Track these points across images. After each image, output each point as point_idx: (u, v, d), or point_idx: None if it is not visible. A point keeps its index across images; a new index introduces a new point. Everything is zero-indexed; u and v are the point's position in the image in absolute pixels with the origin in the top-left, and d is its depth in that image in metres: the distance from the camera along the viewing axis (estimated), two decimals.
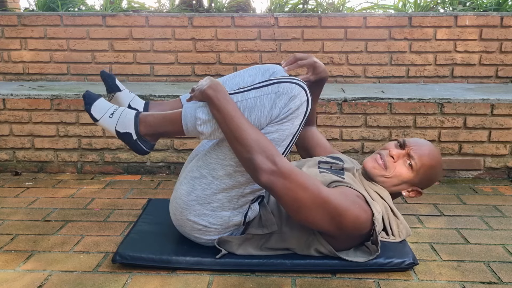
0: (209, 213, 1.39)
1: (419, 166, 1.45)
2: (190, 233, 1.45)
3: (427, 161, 1.46)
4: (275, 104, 1.30)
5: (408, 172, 1.47)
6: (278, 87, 1.31)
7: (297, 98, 1.30)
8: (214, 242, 1.45)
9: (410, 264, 1.42)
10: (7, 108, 2.40)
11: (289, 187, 1.24)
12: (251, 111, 1.31)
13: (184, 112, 1.35)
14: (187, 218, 1.42)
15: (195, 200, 1.39)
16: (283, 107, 1.30)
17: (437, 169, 1.50)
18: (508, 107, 2.27)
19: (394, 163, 1.48)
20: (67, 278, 1.39)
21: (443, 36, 2.76)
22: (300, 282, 1.37)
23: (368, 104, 2.30)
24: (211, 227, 1.41)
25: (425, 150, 1.46)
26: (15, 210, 1.92)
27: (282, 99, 1.30)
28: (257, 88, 1.33)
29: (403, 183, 1.49)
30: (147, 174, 2.43)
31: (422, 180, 1.49)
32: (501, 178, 2.35)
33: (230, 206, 1.39)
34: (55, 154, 2.44)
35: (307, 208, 1.26)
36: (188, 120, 1.35)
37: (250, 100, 1.31)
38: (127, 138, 1.42)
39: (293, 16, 2.77)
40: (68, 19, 2.81)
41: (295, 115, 1.32)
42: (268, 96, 1.30)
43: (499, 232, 1.73)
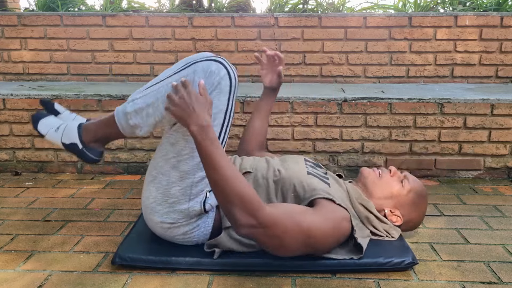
0: (169, 210, 1.42)
1: (410, 187, 1.54)
2: (165, 234, 1.48)
3: (418, 189, 1.55)
4: (194, 82, 1.32)
5: (399, 187, 1.54)
6: (195, 66, 1.34)
7: (215, 73, 1.32)
8: (191, 238, 1.46)
9: (410, 263, 1.42)
10: (7, 108, 2.40)
11: (270, 235, 1.25)
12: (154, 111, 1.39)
13: (116, 111, 1.43)
14: (155, 221, 1.45)
15: (154, 202, 1.43)
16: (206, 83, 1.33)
17: (422, 205, 1.57)
18: (508, 107, 2.27)
19: (390, 176, 1.57)
20: (67, 278, 1.39)
21: (443, 36, 2.76)
22: (300, 282, 1.37)
23: (368, 104, 2.30)
24: (177, 222, 1.43)
25: (419, 183, 1.58)
26: (15, 210, 1.92)
27: (200, 76, 1.32)
28: (175, 74, 1.36)
29: (390, 198, 1.54)
30: None
31: (407, 206, 1.54)
32: (501, 178, 2.35)
33: (185, 198, 1.41)
34: (55, 154, 2.44)
35: (289, 246, 1.29)
36: (120, 118, 1.42)
37: (169, 86, 1.34)
38: (74, 149, 1.50)
39: (293, 16, 2.77)
40: (68, 19, 2.82)
41: (218, 91, 1.34)
42: (186, 78, 1.33)
43: (499, 232, 1.73)
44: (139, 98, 1.39)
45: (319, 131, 2.34)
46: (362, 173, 1.60)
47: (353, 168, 2.37)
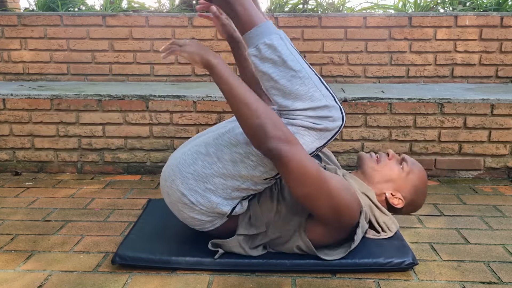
0: (200, 192, 1.38)
1: (409, 169, 1.53)
2: (175, 204, 1.43)
3: (417, 171, 1.55)
4: (317, 108, 1.29)
5: (398, 170, 1.54)
6: (332, 101, 1.30)
7: (335, 122, 1.31)
8: (194, 222, 1.44)
9: (410, 264, 1.42)
10: (7, 108, 2.40)
11: (295, 153, 1.24)
12: (302, 86, 1.29)
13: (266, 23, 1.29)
14: (177, 188, 1.39)
15: (192, 174, 1.37)
16: (319, 116, 1.30)
17: (423, 187, 1.56)
18: (508, 107, 2.27)
19: (388, 160, 1.57)
20: (67, 278, 1.39)
21: (443, 36, 2.76)
22: (300, 282, 1.37)
23: (368, 104, 2.30)
24: (197, 206, 1.39)
25: (418, 164, 1.57)
26: (15, 210, 1.92)
27: (325, 110, 1.30)
28: (321, 82, 1.32)
29: (390, 182, 1.53)
30: (147, 174, 2.43)
31: (408, 187, 1.53)
32: (501, 178, 2.35)
33: (222, 194, 1.38)
34: (55, 154, 2.44)
35: (311, 179, 1.26)
36: (261, 31, 1.29)
37: (309, 81, 1.30)
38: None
39: (293, 16, 2.77)
40: (68, 19, 2.82)
41: (318, 136, 1.33)
42: (320, 96, 1.29)
43: (499, 232, 1.73)
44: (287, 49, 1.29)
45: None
46: (360, 159, 1.60)
47: (353, 168, 2.37)
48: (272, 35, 1.28)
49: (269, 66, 1.29)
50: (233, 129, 1.38)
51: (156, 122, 2.38)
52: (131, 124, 2.39)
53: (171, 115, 2.37)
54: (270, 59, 1.28)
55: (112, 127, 2.40)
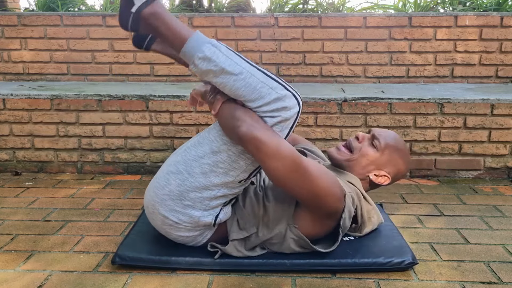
0: (180, 210, 1.39)
1: (383, 145, 1.53)
2: (161, 227, 1.45)
3: (392, 142, 1.53)
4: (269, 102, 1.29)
5: (373, 151, 1.53)
6: (282, 90, 1.30)
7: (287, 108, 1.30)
8: (185, 239, 1.46)
9: (410, 263, 1.42)
10: (7, 108, 2.40)
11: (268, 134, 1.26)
12: (247, 87, 1.29)
13: (194, 37, 1.30)
14: (158, 212, 1.41)
15: (168, 195, 1.38)
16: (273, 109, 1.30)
17: (403, 152, 1.55)
18: (508, 107, 2.27)
19: (359, 144, 1.56)
20: (67, 278, 1.39)
21: (443, 36, 2.76)
22: (300, 282, 1.37)
23: (368, 104, 2.30)
24: (181, 224, 1.41)
25: (390, 133, 1.56)
26: (15, 210, 1.92)
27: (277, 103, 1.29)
28: (265, 75, 1.31)
29: (370, 164, 1.53)
30: (147, 174, 2.43)
31: (389, 162, 1.53)
32: (501, 178, 2.35)
33: (201, 207, 1.39)
34: (55, 154, 2.44)
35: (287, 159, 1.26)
36: (192, 45, 1.29)
37: (253, 79, 1.29)
38: (128, 4, 1.32)
39: (293, 16, 2.77)
40: (68, 19, 2.82)
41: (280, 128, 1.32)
42: (268, 89, 1.29)
43: (499, 232, 1.73)
44: (222, 55, 1.28)
45: (319, 131, 2.34)
46: (331, 157, 1.58)
47: None
48: (203, 46, 1.28)
49: (211, 77, 1.30)
50: (199, 142, 1.40)
51: (156, 122, 2.38)
52: (131, 124, 2.39)
53: (171, 115, 2.37)
54: (209, 71, 1.28)
55: (112, 127, 2.40)
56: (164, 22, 1.31)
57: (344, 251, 1.47)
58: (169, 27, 1.30)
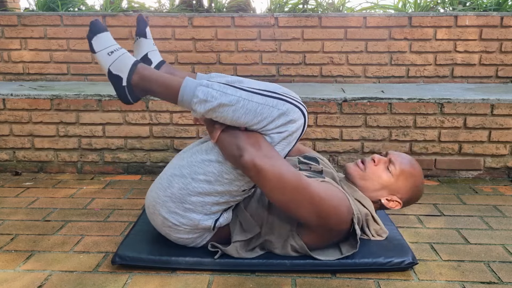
0: (180, 213, 1.39)
1: (398, 171, 1.50)
2: (161, 228, 1.46)
3: (407, 168, 1.51)
4: (273, 120, 1.30)
5: (387, 176, 1.51)
6: (283, 105, 1.30)
7: (293, 121, 1.31)
8: (185, 241, 1.46)
9: (410, 263, 1.42)
10: (7, 108, 2.40)
11: (269, 163, 1.26)
12: (248, 114, 1.29)
13: (184, 84, 1.32)
14: (159, 213, 1.42)
15: (169, 197, 1.39)
16: (279, 125, 1.30)
17: (417, 179, 1.53)
18: (508, 107, 2.27)
19: (374, 166, 1.53)
20: (67, 278, 1.39)
21: (443, 36, 2.76)
22: (300, 282, 1.37)
23: (368, 104, 2.30)
24: (181, 226, 1.41)
25: (406, 159, 1.54)
26: (15, 210, 1.92)
27: (281, 118, 1.30)
28: (262, 95, 1.31)
29: (383, 189, 1.52)
30: (147, 174, 2.43)
31: (402, 188, 1.52)
32: (501, 178, 2.35)
33: (202, 211, 1.39)
34: (55, 154, 2.44)
35: (289, 186, 1.27)
36: (185, 93, 1.31)
37: (252, 104, 1.29)
38: (117, 82, 1.38)
39: (293, 16, 2.77)
40: (68, 19, 2.82)
41: (286, 143, 1.33)
42: (269, 109, 1.29)
43: (499, 232, 1.73)
44: (215, 91, 1.29)
45: (319, 131, 2.34)
46: (347, 171, 1.58)
47: None
48: (196, 90, 1.29)
49: (212, 115, 1.31)
50: (206, 151, 1.39)
51: (156, 122, 2.38)
52: (131, 124, 2.39)
53: (171, 115, 2.37)
54: (208, 111, 1.29)
55: (112, 127, 2.40)
56: (154, 81, 1.35)
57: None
58: (159, 84, 1.35)
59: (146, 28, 1.55)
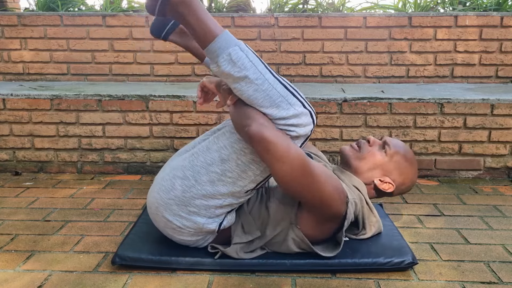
0: (184, 216, 1.38)
1: (392, 152, 1.53)
2: (164, 230, 1.45)
3: (401, 150, 1.54)
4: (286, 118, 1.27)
5: (381, 156, 1.54)
6: (300, 108, 1.27)
7: (305, 128, 1.29)
8: (187, 242, 1.46)
9: (410, 263, 1.42)
10: (7, 108, 2.40)
11: (277, 135, 1.23)
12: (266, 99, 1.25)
13: (224, 34, 1.24)
14: (162, 215, 1.40)
15: (173, 200, 1.37)
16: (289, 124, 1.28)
17: (411, 163, 1.55)
18: (508, 107, 2.27)
19: (369, 147, 1.57)
20: (67, 278, 1.39)
21: (443, 36, 2.76)
22: (300, 282, 1.37)
23: (368, 104, 2.30)
24: (185, 229, 1.40)
25: (400, 143, 1.57)
26: (15, 210, 1.92)
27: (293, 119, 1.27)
28: (286, 88, 1.28)
29: (376, 168, 1.53)
30: (147, 174, 2.43)
31: (395, 170, 1.53)
32: (501, 178, 2.35)
33: (206, 214, 1.38)
34: (55, 154, 2.44)
35: (294, 159, 1.24)
36: (220, 43, 1.23)
37: (274, 92, 1.26)
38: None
39: (293, 16, 2.77)
40: (68, 19, 2.82)
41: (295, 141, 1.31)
42: (287, 105, 1.27)
43: (499, 232, 1.73)
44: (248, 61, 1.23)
45: (319, 131, 2.34)
46: (342, 153, 1.59)
47: None
48: (231, 48, 1.22)
49: (230, 81, 1.25)
50: (208, 149, 1.38)
51: (156, 122, 2.38)
52: (131, 124, 2.39)
53: (171, 115, 2.37)
54: (230, 74, 1.23)
55: (112, 127, 2.40)
56: (194, 12, 1.22)
57: (344, 251, 1.47)
58: (198, 18, 1.22)
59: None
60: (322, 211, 1.35)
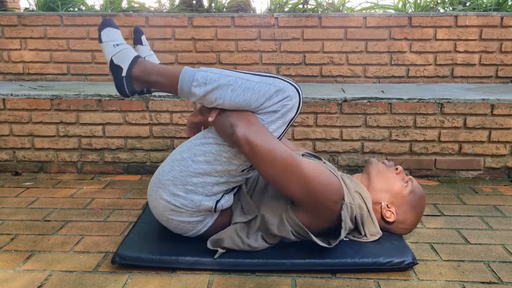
0: (182, 195, 1.42)
1: (411, 189, 1.55)
2: (163, 214, 1.48)
3: (418, 193, 1.57)
4: (271, 96, 1.34)
5: (400, 186, 1.56)
6: (280, 83, 1.35)
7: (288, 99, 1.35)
8: (186, 226, 1.48)
9: (410, 263, 1.42)
10: (7, 108, 2.40)
11: (259, 137, 1.32)
12: (246, 91, 1.35)
13: (184, 72, 1.38)
14: (161, 197, 1.45)
15: (171, 180, 1.43)
16: (276, 102, 1.35)
17: (420, 210, 1.57)
18: (508, 107, 2.27)
19: (395, 174, 1.59)
20: (67, 278, 1.39)
21: (443, 36, 2.76)
22: (300, 282, 1.37)
23: (368, 104, 2.30)
24: (183, 208, 1.44)
25: (422, 190, 1.59)
26: (15, 210, 1.92)
27: (279, 95, 1.34)
28: (260, 76, 1.37)
29: (389, 194, 1.55)
30: (147, 174, 2.43)
31: (404, 206, 1.55)
32: (501, 178, 2.35)
33: (203, 192, 1.43)
34: (55, 154, 2.44)
35: (279, 160, 1.33)
36: (185, 79, 1.37)
37: (249, 82, 1.35)
38: (117, 72, 1.44)
39: (293, 16, 2.77)
40: (68, 19, 2.82)
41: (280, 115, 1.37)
42: (267, 86, 1.35)
43: (499, 232, 1.73)
44: (214, 74, 1.37)
45: (319, 131, 2.34)
46: (370, 163, 1.63)
47: (353, 168, 2.37)
48: (195, 75, 1.36)
49: (211, 98, 1.36)
50: (204, 135, 1.45)
51: (156, 122, 2.38)
52: (131, 124, 2.39)
53: (171, 115, 2.37)
54: (207, 93, 1.35)
55: (112, 127, 2.40)
56: (154, 72, 1.42)
57: (344, 251, 1.47)
58: (160, 74, 1.41)
59: (142, 36, 1.68)
60: (312, 206, 1.38)
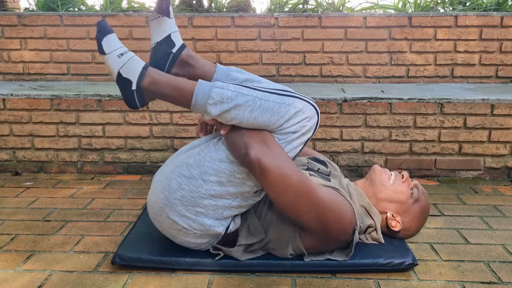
0: (191, 217, 1.35)
1: (417, 197, 1.52)
2: (167, 230, 1.42)
3: (424, 200, 1.54)
4: (290, 118, 1.29)
5: (407, 195, 1.53)
6: (300, 103, 1.30)
7: (306, 120, 1.30)
8: (190, 245, 1.43)
9: (410, 264, 1.42)
10: (7, 108, 2.40)
11: (274, 162, 1.25)
12: (265, 113, 1.28)
13: (198, 86, 1.29)
14: (167, 216, 1.37)
15: (179, 200, 1.34)
16: (296, 123, 1.30)
17: (424, 216, 1.56)
18: (508, 107, 2.27)
19: (401, 182, 1.55)
20: (67, 278, 1.39)
21: (443, 36, 2.76)
22: (300, 282, 1.37)
23: (368, 104, 2.30)
24: (191, 230, 1.37)
25: (426, 195, 1.56)
26: (15, 210, 1.92)
27: (298, 116, 1.29)
28: (279, 95, 1.31)
29: (395, 203, 1.53)
30: (147, 174, 2.43)
31: (409, 214, 1.53)
32: (501, 178, 2.35)
33: (213, 215, 1.36)
34: (55, 154, 2.44)
35: (292, 187, 1.27)
36: (200, 95, 1.28)
37: (269, 103, 1.29)
38: (126, 85, 1.34)
39: (293, 16, 2.77)
40: (68, 19, 2.81)
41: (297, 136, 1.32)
42: (286, 107, 1.29)
43: (499, 232, 1.73)
44: (231, 92, 1.28)
45: (319, 131, 2.34)
46: (374, 170, 1.58)
47: (353, 168, 2.37)
48: (211, 92, 1.27)
49: (227, 117, 1.29)
50: (215, 147, 1.36)
51: (156, 122, 2.38)
52: (131, 124, 2.39)
53: (171, 115, 2.37)
54: (224, 112, 1.28)
55: (112, 127, 2.40)
56: (166, 84, 1.32)
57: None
58: (172, 88, 1.32)
59: (170, 7, 1.45)
60: (323, 234, 1.35)
